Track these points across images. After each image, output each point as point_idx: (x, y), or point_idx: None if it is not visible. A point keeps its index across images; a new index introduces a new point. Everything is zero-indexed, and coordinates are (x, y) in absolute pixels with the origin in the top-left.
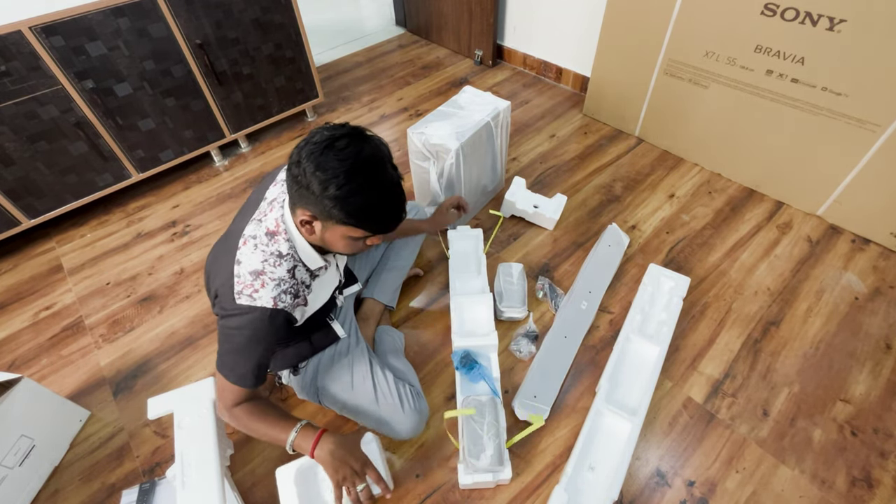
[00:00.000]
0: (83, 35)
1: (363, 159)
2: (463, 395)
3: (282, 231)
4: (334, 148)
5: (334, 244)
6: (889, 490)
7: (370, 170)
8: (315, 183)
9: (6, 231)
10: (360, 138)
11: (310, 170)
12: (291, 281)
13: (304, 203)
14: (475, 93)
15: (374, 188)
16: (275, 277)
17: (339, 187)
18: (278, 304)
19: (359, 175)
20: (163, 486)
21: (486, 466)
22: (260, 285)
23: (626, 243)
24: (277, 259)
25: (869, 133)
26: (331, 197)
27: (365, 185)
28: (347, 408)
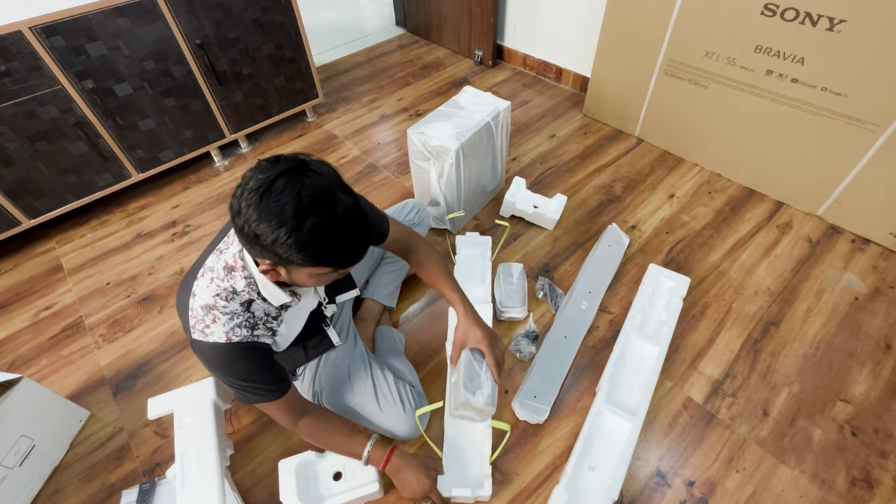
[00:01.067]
0: (83, 35)
1: (307, 197)
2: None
3: (239, 267)
4: (272, 192)
5: (304, 282)
6: (889, 490)
7: (317, 206)
8: (263, 234)
9: (6, 231)
10: (298, 171)
11: (252, 221)
12: (245, 314)
13: (258, 253)
14: (475, 93)
15: (328, 227)
16: (227, 312)
17: (289, 235)
18: (232, 339)
19: (306, 217)
20: (163, 486)
21: (480, 405)
22: (211, 320)
23: (626, 243)
24: (231, 294)
25: (869, 133)
26: (283, 245)
27: (315, 226)
28: (348, 410)
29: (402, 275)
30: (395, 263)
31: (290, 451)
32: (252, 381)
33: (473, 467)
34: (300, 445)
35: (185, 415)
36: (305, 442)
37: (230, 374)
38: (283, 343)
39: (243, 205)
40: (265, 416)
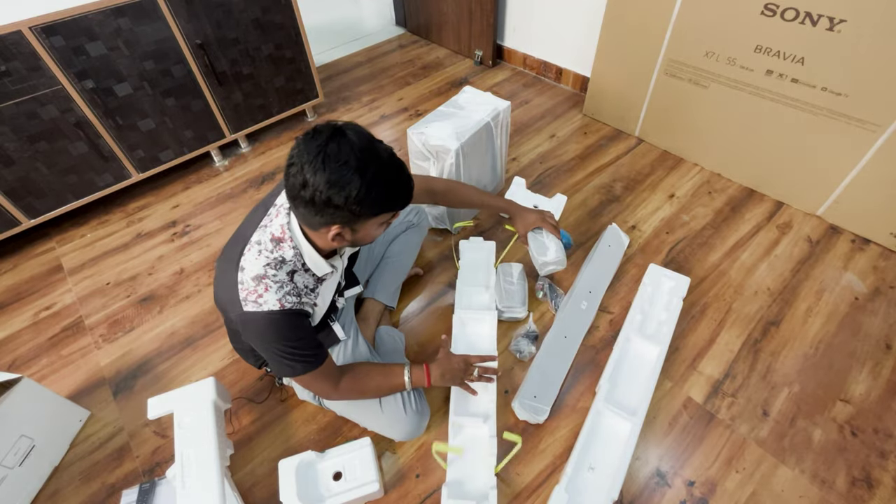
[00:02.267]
0: (83, 35)
1: (360, 150)
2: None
3: (287, 238)
4: (330, 156)
5: (368, 236)
6: (889, 490)
7: (370, 157)
8: (335, 196)
9: (6, 231)
10: (341, 134)
11: (322, 187)
12: (291, 284)
13: (327, 220)
14: (475, 93)
15: (385, 170)
16: (277, 280)
17: (359, 189)
18: (285, 305)
19: (367, 168)
20: (163, 486)
21: (553, 258)
22: (263, 289)
23: (626, 243)
24: (280, 263)
25: (869, 133)
26: (356, 201)
27: (377, 173)
28: (348, 409)
29: (403, 274)
30: (396, 263)
31: (290, 451)
32: (301, 349)
33: (478, 479)
34: (300, 445)
35: (185, 415)
36: (306, 441)
37: (283, 340)
38: (318, 314)
39: (308, 176)
40: (265, 416)
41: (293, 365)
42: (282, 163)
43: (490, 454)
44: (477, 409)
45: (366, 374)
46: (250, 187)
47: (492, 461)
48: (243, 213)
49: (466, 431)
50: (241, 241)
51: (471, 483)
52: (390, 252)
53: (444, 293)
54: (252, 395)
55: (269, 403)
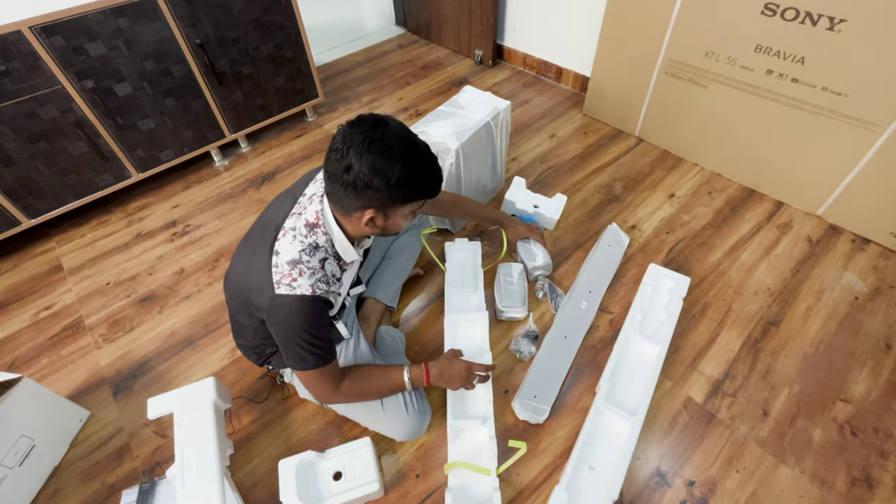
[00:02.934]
0: (83, 35)
1: (401, 140)
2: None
3: (321, 224)
4: (375, 142)
5: (397, 224)
6: (889, 490)
7: (410, 146)
8: (377, 180)
9: (6, 231)
10: (384, 124)
11: (366, 171)
12: (321, 272)
13: (365, 203)
14: (475, 92)
15: (423, 159)
16: (310, 267)
17: (401, 172)
18: (317, 291)
19: (408, 155)
20: (163, 486)
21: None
22: (298, 274)
23: (626, 243)
24: (314, 249)
25: (869, 133)
26: (397, 185)
27: (416, 160)
28: (349, 408)
29: (404, 275)
30: (397, 264)
31: (290, 451)
32: (320, 340)
33: (480, 482)
34: (300, 445)
35: (185, 415)
36: (306, 441)
37: (307, 327)
38: (333, 311)
39: (353, 160)
40: (265, 416)
41: (307, 357)
42: (281, 163)
43: (491, 456)
44: (475, 411)
45: (367, 375)
46: (250, 187)
47: (493, 463)
48: (243, 212)
49: (465, 435)
50: (271, 227)
51: (474, 487)
52: (391, 252)
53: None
54: (252, 395)
55: (269, 403)
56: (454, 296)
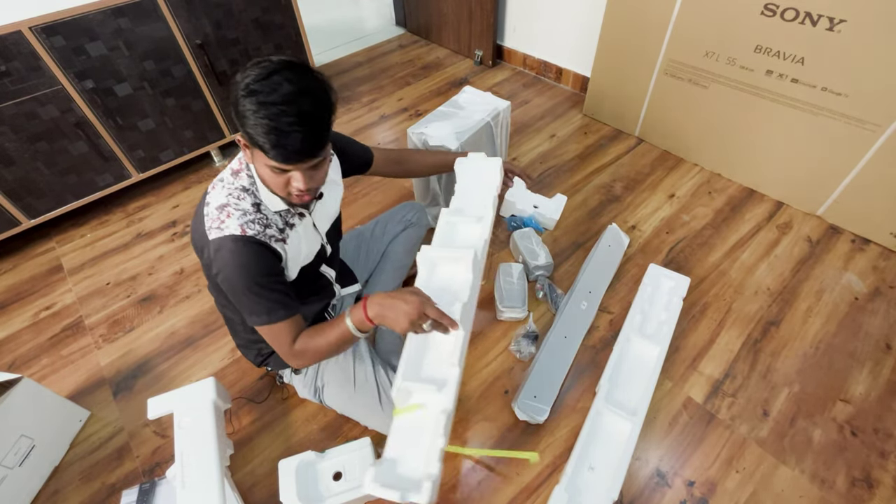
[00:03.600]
0: (83, 35)
1: (294, 89)
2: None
3: (244, 168)
4: (271, 77)
5: (265, 179)
6: (889, 490)
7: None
8: (236, 90)
9: (6, 231)
10: (301, 68)
11: (240, 90)
12: (258, 215)
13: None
14: (475, 93)
15: (276, 92)
16: (239, 208)
17: (246, 89)
18: (247, 231)
19: (269, 79)
20: (163, 486)
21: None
22: (226, 216)
23: (626, 243)
24: (241, 192)
25: (869, 133)
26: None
27: (275, 104)
28: (348, 407)
29: (402, 274)
30: (396, 262)
31: (290, 451)
32: (266, 288)
33: (415, 463)
34: (300, 445)
35: (184, 415)
36: (306, 441)
37: (247, 271)
38: (292, 268)
39: (241, 75)
40: (265, 416)
41: (256, 308)
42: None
43: (438, 434)
44: (434, 372)
45: (317, 330)
46: None
47: (440, 442)
48: None
49: (415, 399)
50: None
51: (406, 467)
52: (390, 251)
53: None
54: (252, 395)
55: (269, 403)
56: (447, 227)
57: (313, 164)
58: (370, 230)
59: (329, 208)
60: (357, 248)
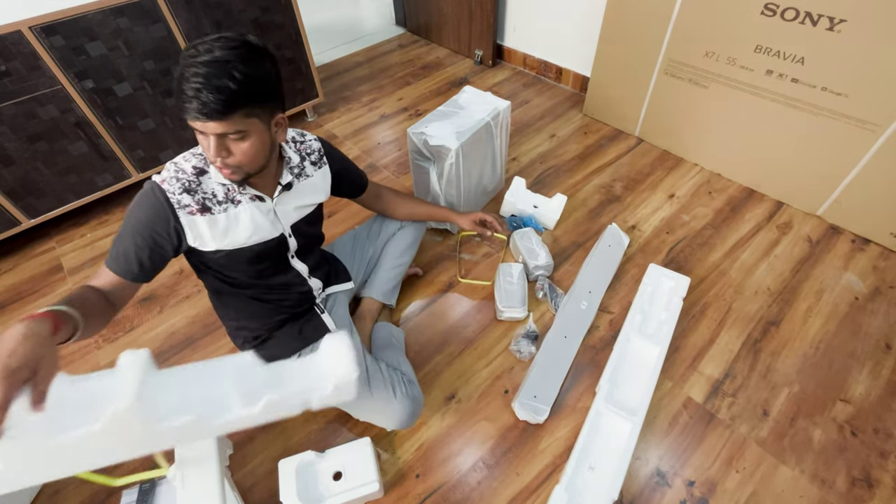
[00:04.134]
0: (83, 35)
1: (217, 37)
2: None
3: None
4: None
5: (202, 142)
6: (889, 490)
7: (210, 43)
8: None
9: (6, 231)
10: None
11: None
12: (192, 179)
13: None
14: (475, 93)
15: (197, 56)
16: (179, 167)
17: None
18: (163, 185)
19: (198, 46)
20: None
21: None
22: (166, 170)
23: (626, 243)
24: (191, 155)
25: (869, 133)
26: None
27: (192, 51)
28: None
29: (400, 272)
30: (393, 261)
31: (290, 451)
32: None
33: None
34: (300, 445)
35: None
36: (306, 441)
37: (129, 213)
38: (209, 239)
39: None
40: None
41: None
42: None
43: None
44: None
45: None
46: None
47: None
48: None
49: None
50: None
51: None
52: (386, 250)
53: (443, 293)
54: None
55: None
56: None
57: (220, 130)
58: (366, 229)
59: (300, 202)
60: (353, 248)
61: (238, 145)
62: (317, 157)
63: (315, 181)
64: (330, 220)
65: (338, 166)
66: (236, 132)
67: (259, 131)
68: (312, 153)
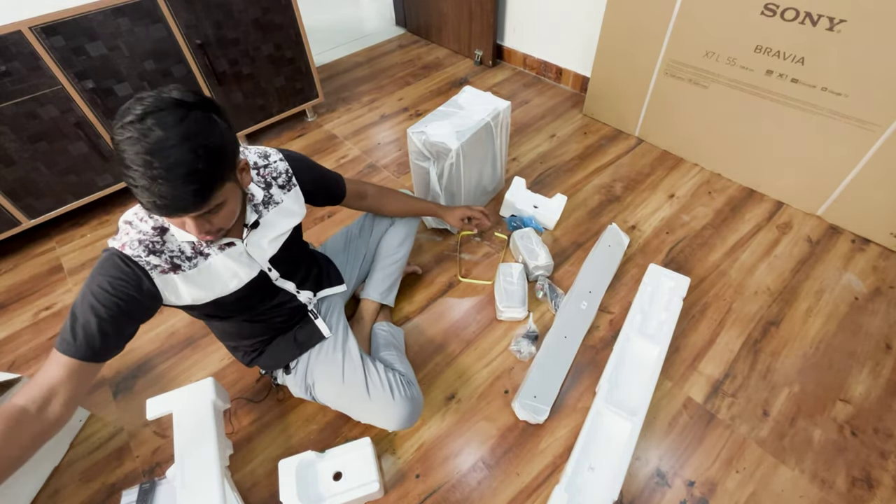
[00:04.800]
0: (83, 35)
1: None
2: None
3: None
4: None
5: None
6: (889, 490)
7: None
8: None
9: (6, 231)
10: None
11: (117, 115)
12: (155, 238)
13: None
14: (475, 93)
15: (144, 139)
16: (138, 229)
17: (119, 131)
18: (126, 250)
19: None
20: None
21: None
22: (125, 233)
23: (626, 243)
24: (144, 212)
25: (869, 133)
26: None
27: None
28: (339, 401)
29: (397, 271)
30: (389, 261)
31: (290, 451)
32: (86, 307)
33: None
34: (300, 445)
35: (184, 415)
36: (306, 441)
37: (86, 287)
38: (185, 295)
39: (120, 109)
40: (265, 416)
41: (65, 326)
42: None
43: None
44: None
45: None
46: None
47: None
48: None
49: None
50: None
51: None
52: (380, 248)
53: (444, 293)
54: (251, 395)
55: (269, 403)
56: None
57: (199, 213)
58: (357, 227)
59: (272, 233)
60: (346, 247)
61: (217, 215)
62: (284, 180)
63: (286, 206)
64: (330, 221)
65: (309, 186)
66: (215, 206)
67: (233, 190)
68: (279, 176)
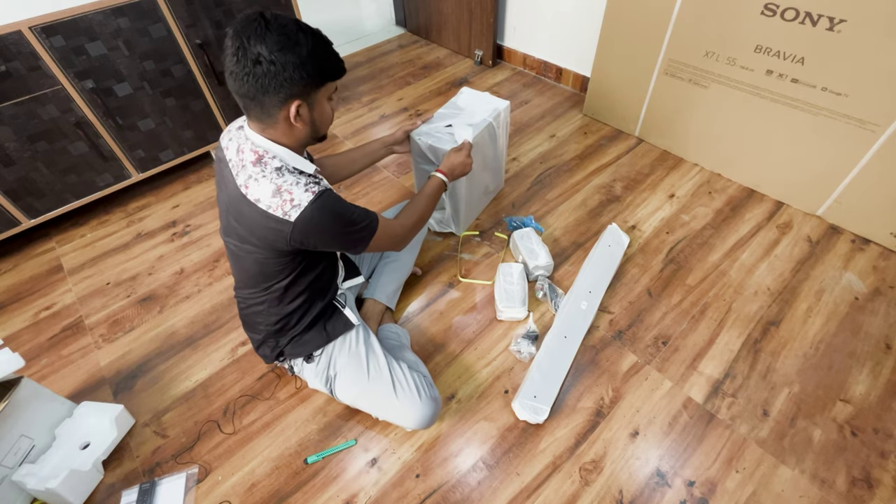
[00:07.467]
0: (83, 35)
1: (293, 20)
2: None
3: (262, 152)
4: (270, 22)
5: (323, 112)
6: (889, 490)
7: (303, 25)
8: (290, 56)
9: (6, 231)
10: (267, 12)
11: (276, 51)
12: (303, 176)
13: (286, 93)
14: (473, 93)
15: (320, 35)
16: (290, 181)
17: (311, 43)
18: (315, 191)
19: (307, 30)
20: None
21: (544, 263)
22: (289, 195)
23: (626, 243)
24: (278, 172)
25: (869, 133)
26: (311, 57)
27: (317, 34)
28: (360, 399)
29: (403, 274)
30: (396, 263)
31: (290, 451)
32: (358, 220)
33: None
34: (300, 445)
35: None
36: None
37: (342, 217)
38: None
39: (256, 47)
40: (265, 416)
41: (363, 235)
42: None
43: None
44: None
45: (410, 203)
46: None
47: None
48: None
49: None
50: (235, 196)
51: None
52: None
53: (444, 293)
54: (254, 394)
55: (269, 404)
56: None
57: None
58: None
59: None
60: None
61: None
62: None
63: None
64: None
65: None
66: None
67: None
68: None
